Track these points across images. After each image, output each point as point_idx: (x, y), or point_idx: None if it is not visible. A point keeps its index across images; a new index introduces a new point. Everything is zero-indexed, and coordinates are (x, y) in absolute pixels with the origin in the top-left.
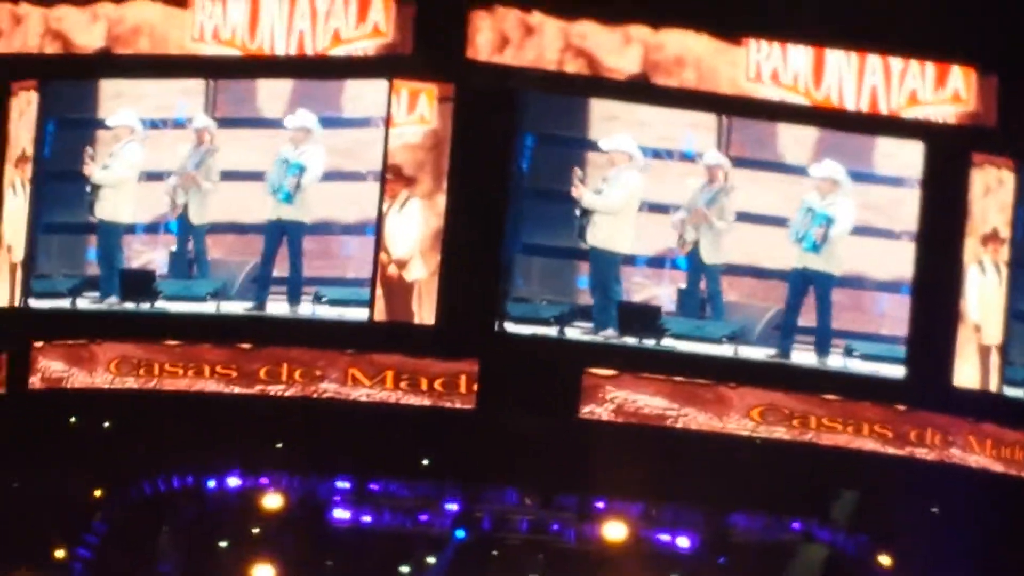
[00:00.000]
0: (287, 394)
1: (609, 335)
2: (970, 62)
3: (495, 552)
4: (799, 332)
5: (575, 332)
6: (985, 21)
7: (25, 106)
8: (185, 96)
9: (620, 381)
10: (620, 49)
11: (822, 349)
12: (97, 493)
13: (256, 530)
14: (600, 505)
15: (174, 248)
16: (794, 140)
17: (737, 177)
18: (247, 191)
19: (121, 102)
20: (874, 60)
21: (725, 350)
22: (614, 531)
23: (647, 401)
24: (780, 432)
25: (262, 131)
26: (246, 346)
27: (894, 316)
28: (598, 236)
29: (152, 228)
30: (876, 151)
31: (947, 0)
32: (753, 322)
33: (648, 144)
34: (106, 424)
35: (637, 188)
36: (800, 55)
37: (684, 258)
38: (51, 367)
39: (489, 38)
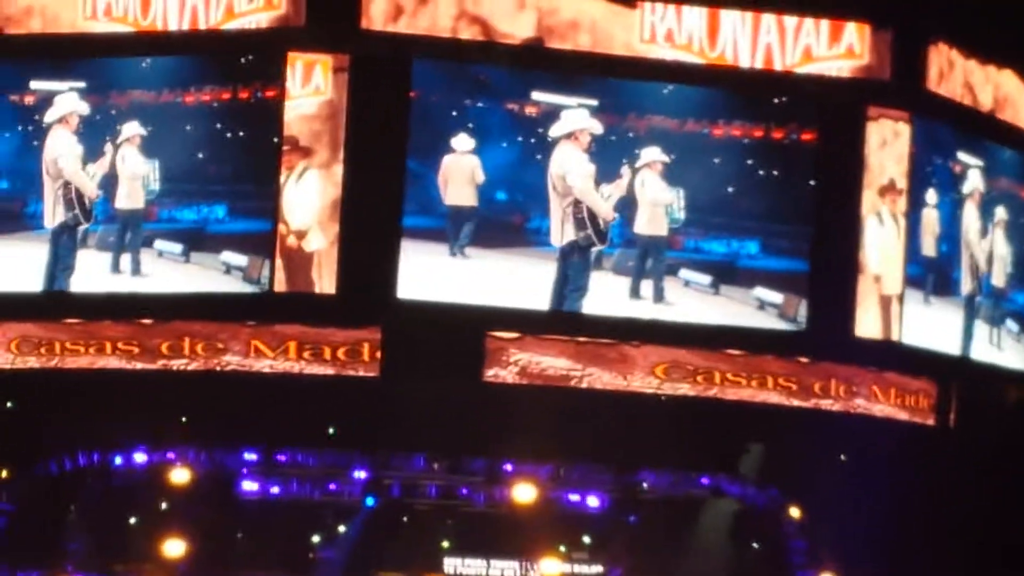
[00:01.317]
0: (190, 368)
1: None
2: (864, 18)
3: (405, 518)
4: None
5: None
6: None
7: None
8: None
9: (523, 343)
10: (514, 14)
11: None
12: (3, 473)
13: (165, 505)
14: (508, 468)
15: None
16: None
17: None
18: None
19: None
20: (768, 19)
21: (626, 310)
22: (523, 493)
23: (551, 362)
24: (685, 388)
25: None
26: (147, 321)
27: None
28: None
29: None
30: None
31: None
32: None
33: None
34: (9, 404)
35: None
36: (694, 16)
37: None
38: None
39: (383, 8)
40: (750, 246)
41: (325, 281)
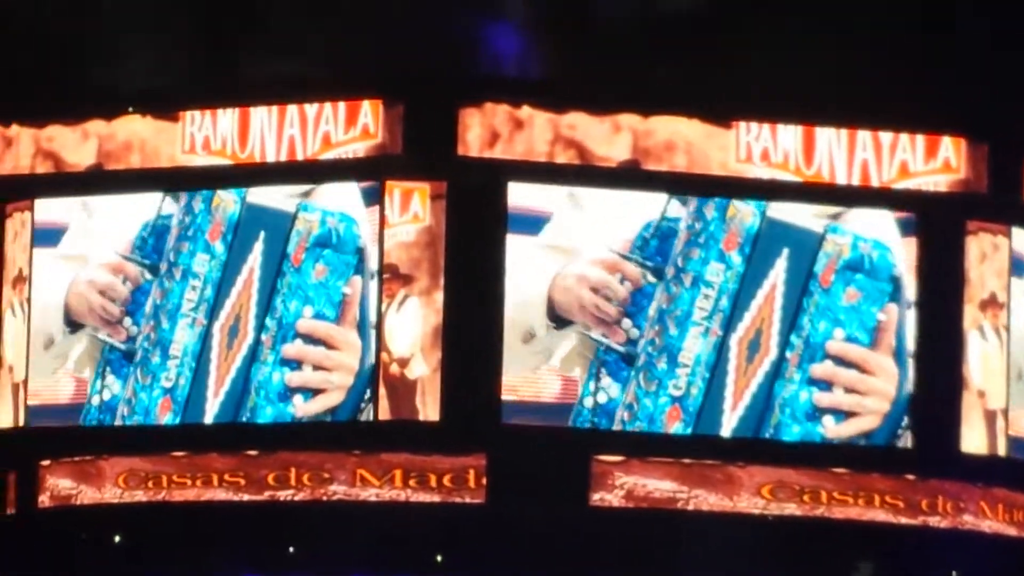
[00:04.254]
0: (297, 498)
1: None
2: (959, 132)
3: None
4: None
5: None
6: (972, 90)
7: (20, 227)
8: None
9: (628, 466)
10: (610, 137)
11: None
12: None
13: None
14: None
15: None
16: None
17: None
18: None
19: None
20: (864, 135)
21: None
22: None
23: (656, 485)
24: (791, 508)
25: None
26: (253, 452)
27: None
28: None
29: None
30: None
31: (933, 73)
32: None
33: None
34: (117, 538)
35: None
36: (789, 134)
37: None
38: (59, 485)
39: (479, 134)
40: None
41: (429, 408)
